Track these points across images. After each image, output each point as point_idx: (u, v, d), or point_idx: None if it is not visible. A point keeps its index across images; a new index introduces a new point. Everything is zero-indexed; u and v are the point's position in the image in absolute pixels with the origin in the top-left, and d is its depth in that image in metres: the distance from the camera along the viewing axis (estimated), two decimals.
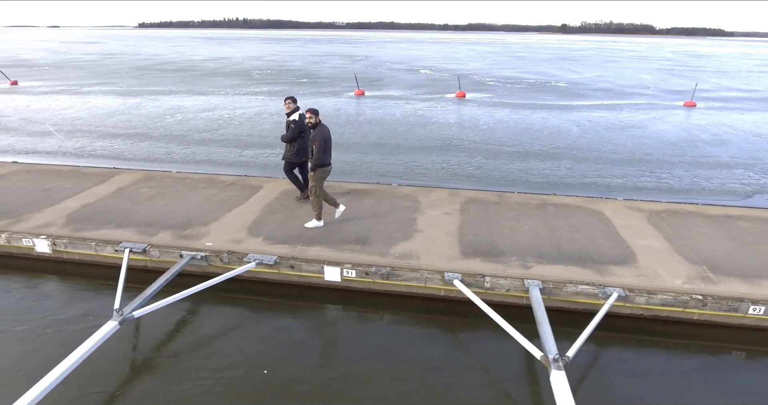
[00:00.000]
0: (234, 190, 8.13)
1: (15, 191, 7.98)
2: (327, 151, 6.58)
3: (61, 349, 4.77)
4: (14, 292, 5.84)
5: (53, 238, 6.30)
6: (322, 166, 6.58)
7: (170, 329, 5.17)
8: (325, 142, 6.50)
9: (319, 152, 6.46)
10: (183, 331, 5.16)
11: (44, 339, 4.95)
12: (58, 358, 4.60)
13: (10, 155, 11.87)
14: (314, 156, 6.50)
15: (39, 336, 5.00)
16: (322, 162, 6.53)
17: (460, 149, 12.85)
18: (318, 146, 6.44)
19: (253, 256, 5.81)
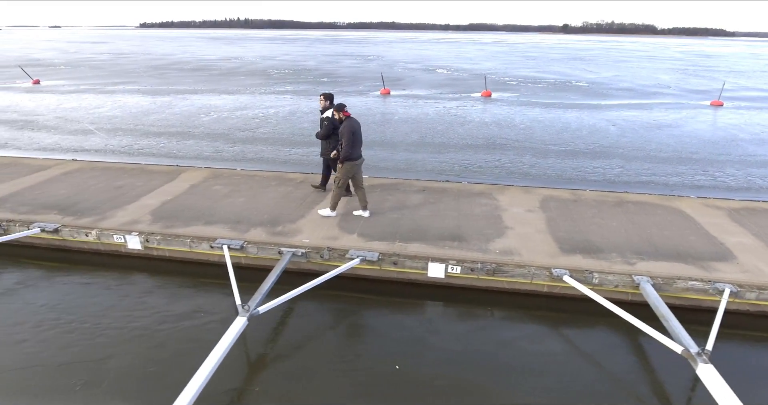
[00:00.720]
0: (306, 187, 8.11)
1: (88, 189, 7.95)
2: (355, 145, 6.58)
3: (185, 344, 4.77)
4: (114, 289, 5.82)
5: (145, 235, 6.28)
6: (351, 159, 6.59)
7: (289, 325, 5.15)
8: (354, 135, 6.51)
9: (348, 146, 6.46)
10: (301, 327, 5.14)
11: (162, 335, 4.93)
12: (187, 354, 4.63)
13: (60, 153, 11.85)
14: (343, 149, 6.54)
15: (156, 332, 4.97)
16: (350, 155, 6.55)
17: (507, 148, 12.82)
18: (347, 139, 6.45)
19: (355, 253, 5.79)
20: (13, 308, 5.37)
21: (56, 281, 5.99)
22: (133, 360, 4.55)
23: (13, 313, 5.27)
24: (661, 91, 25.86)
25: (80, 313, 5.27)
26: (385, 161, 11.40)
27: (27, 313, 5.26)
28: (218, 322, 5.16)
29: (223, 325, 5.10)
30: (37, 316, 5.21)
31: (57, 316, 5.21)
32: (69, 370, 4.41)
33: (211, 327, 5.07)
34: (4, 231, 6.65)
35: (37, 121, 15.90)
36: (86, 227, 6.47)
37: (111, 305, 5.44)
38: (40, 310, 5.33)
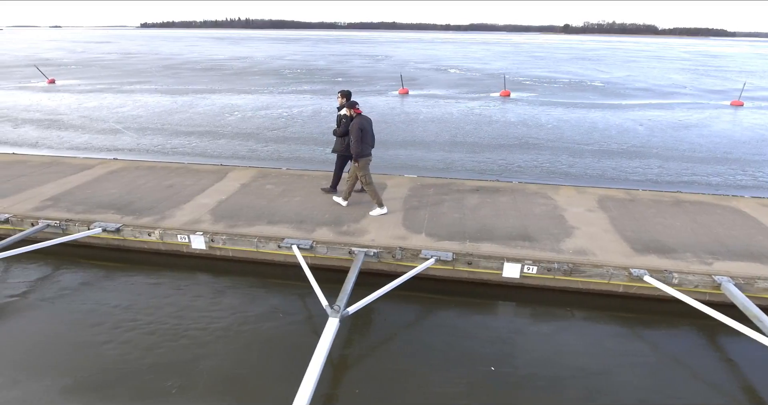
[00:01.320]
0: (359, 186, 8.03)
1: (139, 188, 7.88)
2: (365, 142, 6.67)
3: (272, 346, 4.70)
4: (184, 289, 5.74)
5: (210, 235, 6.21)
6: (364, 156, 6.69)
7: (375, 326, 5.08)
8: (362, 132, 6.57)
9: (357, 142, 6.55)
10: (386, 327, 5.06)
11: (247, 337, 4.85)
12: (277, 355, 4.56)
13: (94, 152, 11.78)
14: (352, 146, 6.61)
15: (239, 333, 4.89)
16: (362, 152, 6.64)
17: (541, 147, 12.75)
18: (355, 136, 6.52)
19: (429, 253, 5.71)
20: (85, 309, 5.30)
21: (121, 281, 5.91)
22: (223, 362, 4.47)
23: (88, 314, 5.20)
24: (677, 91, 25.79)
25: (157, 314, 5.20)
26: (423, 160, 11.32)
27: (102, 315, 5.18)
28: (300, 323, 5.09)
29: (307, 326, 5.06)
30: (113, 317, 5.14)
31: (134, 317, 5.14)
32: (160, 372, 4.34)
33: (293, 328, 5.00)
34: (63, 231, 6.58)
35: (62, 120, 15.83)
36: (149, 227, 6.39)
37: (186, 306, 5.36)
38: (115, 311, 5.25)
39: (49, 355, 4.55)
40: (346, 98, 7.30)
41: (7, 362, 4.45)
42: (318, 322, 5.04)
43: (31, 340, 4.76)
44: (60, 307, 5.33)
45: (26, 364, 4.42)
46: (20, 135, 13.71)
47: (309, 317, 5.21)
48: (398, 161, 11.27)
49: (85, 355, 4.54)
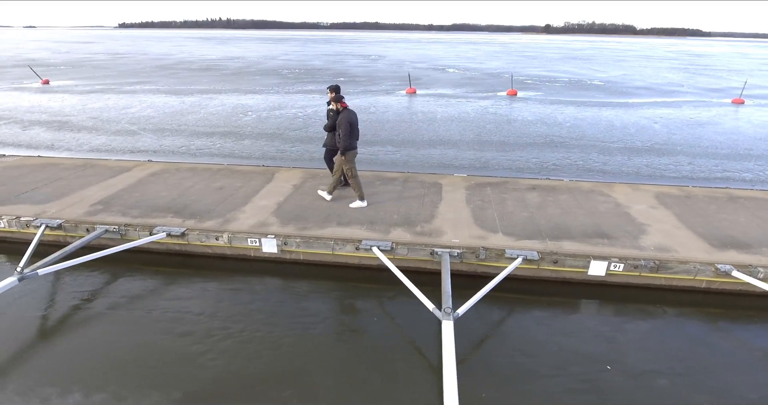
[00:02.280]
0: (421, 185, 7.89)
1: (188, 190, 7.61)
2: (353, 136, 6.81)
3: (381, 351, 4.54)
4: (263, 294, 5.54)
5: (283, 238, 6.01)
6: (351, 149, 6.81)
7: (479, 326, 4.94)
8: (351, 126, 6.69)
9: (346, 136, 6.65)
10: (490, 328, 4.94)
11: (350, 342, 4.69)
12: (389, 361, 4.42)
13: (117, 154, 11.39)
14: (341, 139, 6.68)
15: (340, 339, 4.73)
16: (350, 145, 6.77)
17: (568, 146, 12.80)
18: (344, 130, 6.61)
19: (515, 252, 5.62)
20: (168, 317, 5.06)
21: (195, 288, 5.68)
22: (336, 369, 4.30)
23: (173, 323, 4.96)
24: (677, 90, 26.25)
25: (246, 321, 4.99)
26: (457, 160, 11.24)
27: (189, 323, 4.96)
28: (401, 326, 4.94)
29: (410, 329, 4.91)
30: (202, 326, 4.92)
31: (223, 325, 4.93)
32: (271, 382, 4.15)
33: (396, 332, 4.85)
34: (121, 236, 6.31)
35: (71, 121, 15.31)
36: (215, 231, 6.16)
37: (273, 312, 5.17)
38: (201, 320, 5.03)
39: (148, 367, 4.31)
40: (335, 93, 7.20)
41: (103, 377, 4.20)
42: (421, 326, 4.90)
43: (123, 352, 4.51)
44: (141, 317, 5.07)
45: (128, 378, 4.17)
46: (33, 137, 13.20)
47: (409, 320, 5.04)
48: (433, 160, 11.17)
49: (187, 367, 4.32)
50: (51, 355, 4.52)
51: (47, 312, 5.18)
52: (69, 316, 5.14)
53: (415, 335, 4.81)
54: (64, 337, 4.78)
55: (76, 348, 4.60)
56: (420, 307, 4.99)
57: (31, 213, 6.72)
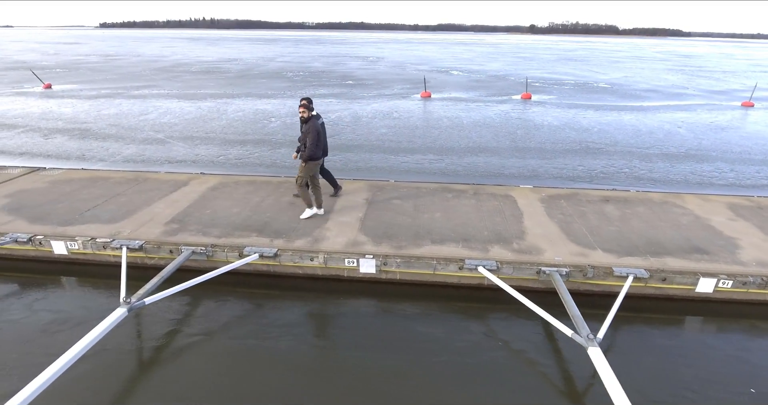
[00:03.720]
0: (492, 199, 7.73)
1: (260, 205, 7.36)
2: (319, 145, 6.72)
3: (529, 377, 4.42)
4: (376, 318, 5.37)
5: (382, 258, 5.83)
6: (314, 159, 6.73)
7: (617, 350, 4.84)
8: (318, 135, 6.62)
9: (313, 145, 6.58)
10: (630, 351, 4.82)
11: (497, 365, 4.54)
12: (540, 388, 4.28)
13: (157, 165, 11.02)
14: (307, 148, 6.59)
15: (492, 365, 4.58)
16: (314, 155, 6.68)
17: (607, 152, 12.81)
18: (312, 139, 6.54)
19: (624, 270, 5.54)
20: (286, 347, 4.83)
21: (294, 312, 5.47)
22: (505, 398, 4.16)
23: (282, 352, 4.75)
24: (682, 93, 26.64)
25: (378, 347, 4.80)
26: (506, 168, 11.16)
27: (297, 351, 4.75)
28: (531, 351, 4.81)
29: (541, 354, 4.77)
30: (330, 353, 4.73)
31: (349, 353, 4.73)
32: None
33: (531, 357, 4.72)
34: (208, 258, 6.07)
35: (92, 129, 14.83)
36: (310, 251, 5.96)
37: (400, 337, 4.97)
38: (310, 347, 4.84)
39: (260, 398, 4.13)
40: (306, 101, 6.81)
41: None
42: (554, 349, 4.81)
43: (232, 384, 4.31)
44: (245, 345, 4.85)
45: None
46: (58, 147, 12.74)
47: (537, 344, 4.91)
48: (482, 169, 11.05)
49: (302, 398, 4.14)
50: (166, 388, 4.30)
51: (151, 342, 4.94)
52: (173, 345, 4.89)
53: (551, 361, 4.68)
54: (171, 370, 4.55)
55: (187, 381, 4.38)
56: (544, 328, 4.90)
57: (105, 233, 6.43)
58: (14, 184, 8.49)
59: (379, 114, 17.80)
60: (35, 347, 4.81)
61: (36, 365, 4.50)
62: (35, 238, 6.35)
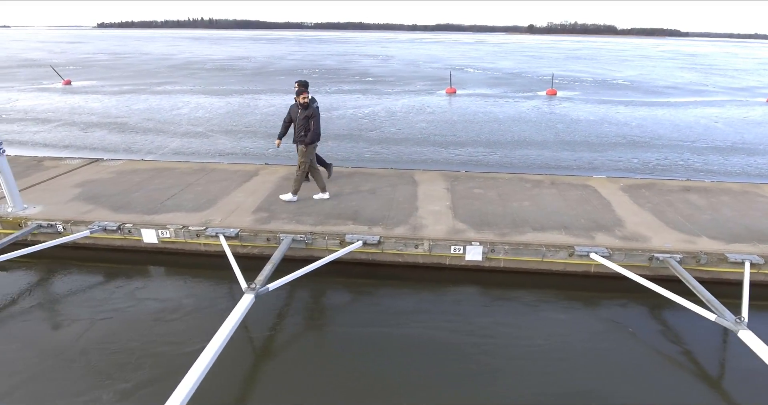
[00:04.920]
0: (572, 189, 7.60)
1: (342, 194, 7.23)
2: (315, 130, 6.82)
3: (670, 367, 4.32)
4: (491, 306, 5.25)
5: (490, 245, 5.70)
6: (314, 141, 6.85)
7: None
8: (318, 119, 6.81)
9: (318, 129, 6.75)
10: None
11: (627, 361, 4.44)
12: (691, 379, 4.17)
13: (211, 157, 10.86)
14: (312, 132, 6.70)
15: (601, 356, 4.48)
16: (316, 138, 6.82)
17: (655, 146, 12.71)
18: (316, 123, 6.70)
19: (739, 256, 5.41)
20: (402, 336, 4.72)
21: (403, 300, 5.34)
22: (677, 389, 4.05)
23: (414, 341, 4.63)
24: (704, 90, 26.61)
25: (495, 335, 4.69)
26: (562, 160, 11.04)
27: (432, 340, 4.64)
28: (675, 336, 4.69)
29: (684, 338, 4.66)
30: (450, 341, 4.61)
31: (471, 340, 4.62)
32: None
33: (672, 341, 4.61)
34: (307, 245, 5.93)
35: (129, 123, 14.67)
36: (414, 238, 5.84)
37: (519, 324, 4.88)
38: (445, 334, 4.72)
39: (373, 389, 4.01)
40: (303, 87, 6.90)
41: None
42: (692, 333, 4.72)
43: (353, 373, 4.19)
44: (357, 333, 4.72)
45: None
46: (101, 140, 12.56)
47: (676, 329, 4.80)
48: (537, 161, 10.95)
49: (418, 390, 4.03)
50: (292, 375, 4.17)
51: (271, 330, 4.81)
52: (293, 332, 4.78)
53: (698, 347, 4.54)
54: (295, 355, 4.41)
55: (312, 368, 4.25)
56: (671, 313, 4.80)
57: (194, 221, 6.29)
58: (79, 175, 8.34)
59: (413, 109, 17.69)
60: (154, 336, 4.66)
61: (162, 354, 4.41)
62: (124, 227, 6.21)
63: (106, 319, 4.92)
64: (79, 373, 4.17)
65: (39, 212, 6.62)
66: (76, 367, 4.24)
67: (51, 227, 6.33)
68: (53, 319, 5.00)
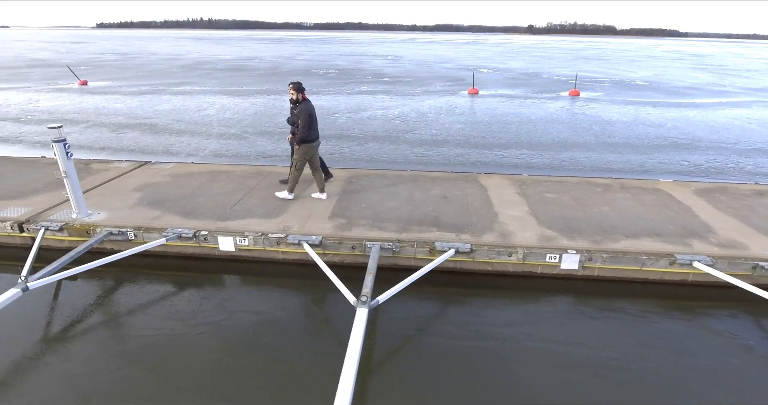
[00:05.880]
0: (644, 193, 7.39)
1: (412, 199, 7.00)
2: (312, 127, 6.71)
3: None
4: (598, 318, 5.05)
5: (587, 253, 5.49)
6: (308, 141, 6.72)
7: None
8: (310, 118, 6.61)
9: (305, 128, 6.57)
10: None
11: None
12: None
13: (254, 160, 10.62)
14: (300, 131, 6.61)
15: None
16: (308, 137, 6.68)
17: (697, 147, 12.53)
18: (303, 121, 6.53)
19: None
20: (505, 348, 4.52)
21: (501, 310, 5.14)
22: None
23: (529, 355, 4.44)
24: (725, 90, 26.45)
25: (595, 346, 4.49)
26: (612, 163, 10.84)
27: (563, 351, 4.44)
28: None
29: None
30: (576, 351, 4.41)
31: (577, 351, 4.42)
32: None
33: None
34: (394, 253, 5.69)
35: (159, 125, 14.42)
36: (507, 246, 5.63)
37: (624, 335, 4.68)
38: (552, 346, 4.52)
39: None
40: (291, 85, 6.86)
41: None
42: None
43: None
44: (482, 346, 4.51)
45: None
46: (136, 142, 12.32)
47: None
48: (587, 163, 10.75)
49: None
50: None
51: (386, 342, 4.60)
52: (402, 345, 4.56)
53: None
54: (420, 363, 4.21)
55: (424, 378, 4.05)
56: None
57: (271, 228, 6.07)
58: (133, 178, 8.11)
59: (442, 110, 17.49)
60: (262, 353, 4.40)
61: (277, 373, 4.17)
62: (200, 234, 5.99)
63: (204, 334, 4.68)
64: (193, 394, 3.95)
65: (106, 219, 6.40)
66: (184, 387, 4.02)
67: (121, 234, 6.11)
68: (146, 330, 4.74)
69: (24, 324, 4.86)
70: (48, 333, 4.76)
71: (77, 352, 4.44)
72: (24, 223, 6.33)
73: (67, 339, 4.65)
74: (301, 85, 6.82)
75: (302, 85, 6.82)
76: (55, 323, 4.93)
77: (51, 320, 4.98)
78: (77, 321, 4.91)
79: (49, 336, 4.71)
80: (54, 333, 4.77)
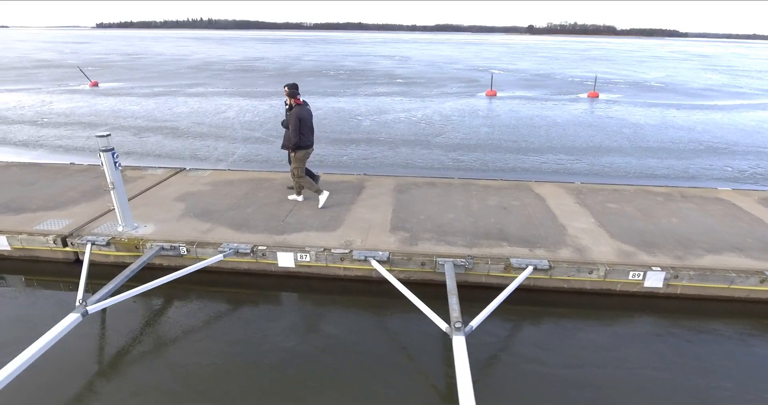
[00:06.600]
0: (707, 203, 7.12)
1: (471, 210, 6.70)
2: (304, 132, 6.53)
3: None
4: (695, 341, 4.76)
5: (673, 270, 5.20)
6: (303, 147, 6.60)
7: None
8: (300, 122, 6.42)
9: (294, 131, 6.40)
10: None
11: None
12: None
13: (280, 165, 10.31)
14: (290, 135, 6.45)
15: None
16: (300, 143, 6.52)
17: (736, 152, 12.24)
18: (292, 125, 6.39)
19: None
20: (598, 372, 4.23)
21: (591, 331, 4.82)
22: None
23: (621, 381, 4.14)
24: (743, 92, 26.20)
25: (686, 369, 4.21)
26: (653, 168, 10.56)
27: (629, 374, 4.15)
28: None
29: None
30: (672, 376, 4.12)
31: (666, 375, 4.13)
32: None
33: None
34: (466, 270, 5.40)
35: (180, 128, 14.09)
36: (587, 263, 5.34)
37: (715, 357, 4.39)
38: (638, 369, 4.23)
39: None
40: (292, 89, 6.70)
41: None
42: None
43: None
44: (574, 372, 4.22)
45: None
46: (160, 146, 11.99)
47: None
48: (631, 169, 10.45)
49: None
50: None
51: (480, 365, 4.30)
52: (493, 373, 4.27)
53: None
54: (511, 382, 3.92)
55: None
56: None
57: (332, 243, 5.76)
58: (171, 186, 7.80)
59: (465, 113, 17.19)
60: (340, 378, 4.12)
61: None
62: (257, 249, 5.68)
63: (274, 362, 4.33)
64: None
65: (153, 232, 6.08)
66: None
67: (173, 250, 5.80)
68: (208, 357, 4.40)
69: (82, 350, 4.54)
70: (107, 359, 4.42)
71: (139, 380, 4.12)
72: (68, 237, 6.02)
73: (127, 365, 4.30)
74: (296, 89, 6.66)
75: (296, 90, 6.67)
76: (112, 347, 4.58)
77: (107, 343, 4.65)
78: (133, 345, 4.56)
79: (108, 362, 4.38)
80: (112, 359, 4.42)
